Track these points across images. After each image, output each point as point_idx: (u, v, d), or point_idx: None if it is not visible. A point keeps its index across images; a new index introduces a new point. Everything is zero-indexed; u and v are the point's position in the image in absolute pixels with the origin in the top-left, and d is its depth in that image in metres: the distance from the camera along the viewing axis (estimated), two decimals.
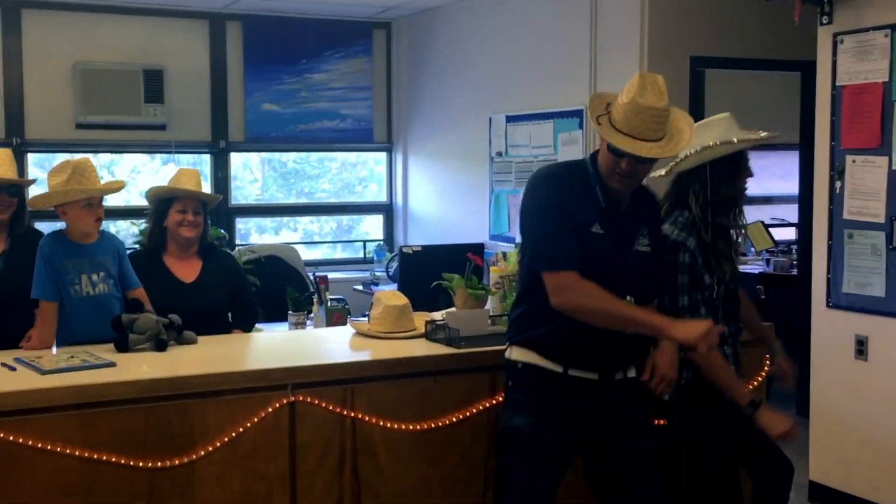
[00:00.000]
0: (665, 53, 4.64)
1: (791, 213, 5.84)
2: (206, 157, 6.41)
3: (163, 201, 3.24)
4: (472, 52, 5.93)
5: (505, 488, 2.42)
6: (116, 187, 3.06)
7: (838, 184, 3.80)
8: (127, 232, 5.50)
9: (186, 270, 3.25)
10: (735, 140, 2.56)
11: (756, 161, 2.71)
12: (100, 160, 6.03)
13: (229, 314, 3.36)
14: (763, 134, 2.63)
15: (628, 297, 2.37)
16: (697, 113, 4.82)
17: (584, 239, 2.28)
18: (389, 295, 3.06)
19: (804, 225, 4.24)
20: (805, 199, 4.67)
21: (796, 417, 4.79)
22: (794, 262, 5.38)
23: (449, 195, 6.37)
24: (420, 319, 3.01)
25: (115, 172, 6.20)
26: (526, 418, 2.37)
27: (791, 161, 5.49)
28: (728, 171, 2.59)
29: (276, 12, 6.35)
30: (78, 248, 2.92)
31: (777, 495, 2.72)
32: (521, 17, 5.50)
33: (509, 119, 5.59)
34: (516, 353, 2.41)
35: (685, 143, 2.29)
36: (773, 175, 6.40)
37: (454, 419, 2.66)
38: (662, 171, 2.67)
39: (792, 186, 5.49)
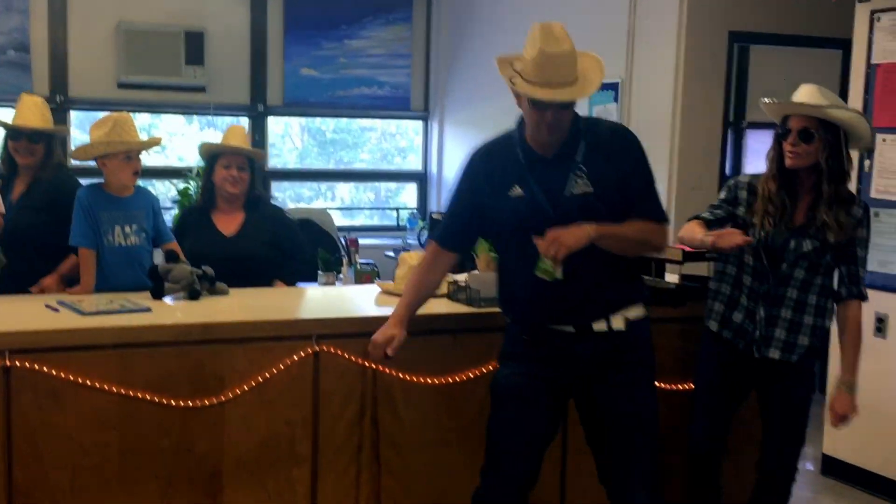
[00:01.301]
0: (703, 27, 4.63)
1: None
2: (245, 121, 6.53)
3: (211, 157, 3.38)
4: (510, 22, 5.94)
5: (489, 438, 2.48)
6: (154, 143, 3.20)
7: (867, 162, 3.80)
8: (166, 195, 5.68)
9: (229, 224, 3.38)
10: (767, 100, 2.66)
11: None
12: (139, 122, 6.18)
13: (275, 265, 3.42)
14: (798, 102, 2.62)
15: None
16: (741, 89, 4.84)
17: (502, 205, 2.37)
18: (414, 256, 3.15)
19: None
20: None
21: (819, 396, 4.82)
22: None
23: None
24: (444, 280, 3.09)
25: (154, 135, 6.36)
26: (507, 368, 2.47)
27: None
28: (776, 132, 2.68)
29: None
30: (114, 200, 3.05)
31: None
32: None
33: None
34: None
35: (598, 81, 2.31)
36: None
37: (471, 375, 2.75)
38: None
39: None
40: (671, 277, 3.19)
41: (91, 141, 3.02)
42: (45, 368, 2.37)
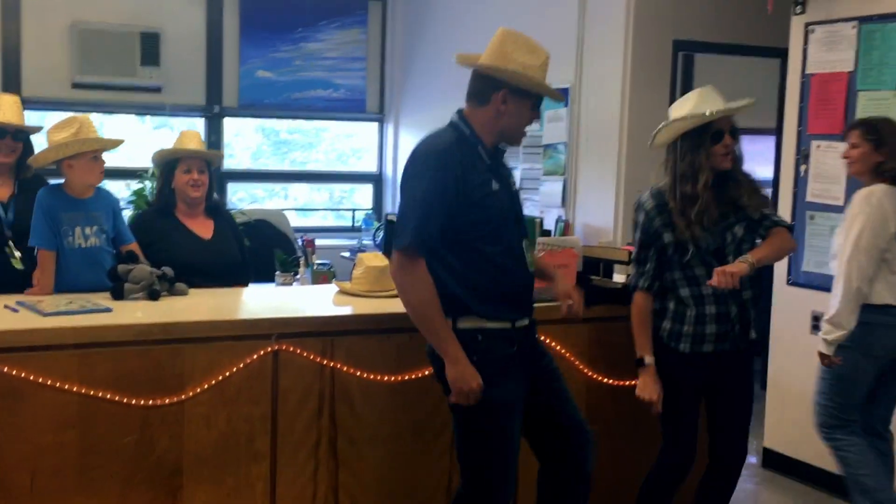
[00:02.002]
0: (649, 36, 4.78)
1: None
2: (200, 122, 6.53)
3: (168, 163, 3.41)
4: (464, 27, 6.05)
5: (490, 459, 2.45)
6: (118, 143, 3.22)
7: (803, 167, 3.99)
8: (120, 196, 5.65)
9: (202, 228, 3.42)
10: (706, 112, 2.66)
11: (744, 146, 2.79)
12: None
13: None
14: (736, 104, 2.69)
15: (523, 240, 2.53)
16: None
17: (489, 199, 2.40)
18: (371, 256, 3.23)
19: (774, 207, 4.45)
20: (776, 183, 4.87)
21: (761, 392, 5.02)
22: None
23: None
24: None
25: (106, 135, 6.31)
26: (499, 388, 2.41)
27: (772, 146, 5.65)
28: (694, 142, 2.70)
29: None
30: (74, 202, 3.06)
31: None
32: None
33: None
34: (467, 323, 2.41)
35: None
36: (763, 159, 6.57)
37: (426, 373, 2.82)
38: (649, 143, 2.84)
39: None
40: (619, 277, 3.33)
41: (60, 141, 3.01)
42: (5, 368, 2.39)
